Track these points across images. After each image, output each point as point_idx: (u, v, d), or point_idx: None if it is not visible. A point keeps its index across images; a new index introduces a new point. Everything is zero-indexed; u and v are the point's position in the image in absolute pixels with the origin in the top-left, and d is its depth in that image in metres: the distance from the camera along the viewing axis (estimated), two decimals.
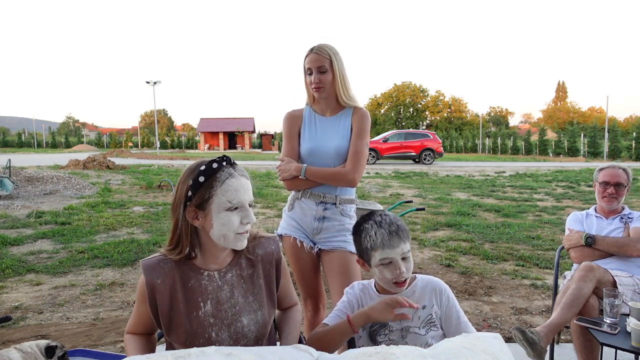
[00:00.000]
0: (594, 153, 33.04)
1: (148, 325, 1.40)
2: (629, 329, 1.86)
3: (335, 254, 2.06)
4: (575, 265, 2.57)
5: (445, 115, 66.04)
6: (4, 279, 4.22)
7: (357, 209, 2.21)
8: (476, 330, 1.47)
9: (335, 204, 2.07)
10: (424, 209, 4.75)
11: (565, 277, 2.57)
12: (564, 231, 2.70)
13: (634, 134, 30.49)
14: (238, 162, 1.39)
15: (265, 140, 53.85)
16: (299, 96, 2.28)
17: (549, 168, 19.66)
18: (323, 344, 1.37)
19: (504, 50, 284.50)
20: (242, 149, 52.75)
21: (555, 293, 2.60)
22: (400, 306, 1.34)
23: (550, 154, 35.94)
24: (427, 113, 66.72)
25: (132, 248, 5.29)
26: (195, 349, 1.09)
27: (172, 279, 1.33)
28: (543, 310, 3.51)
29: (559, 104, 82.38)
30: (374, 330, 1.51)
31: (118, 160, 21.70)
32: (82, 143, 56.60)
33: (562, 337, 2.89)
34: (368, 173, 16.25)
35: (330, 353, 1.19)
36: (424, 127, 63.58)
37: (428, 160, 22.81)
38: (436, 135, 23.96)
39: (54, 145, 55.80)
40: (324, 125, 2.11)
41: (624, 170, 2.55)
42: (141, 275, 1.34)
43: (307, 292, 2.19)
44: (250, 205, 1.34)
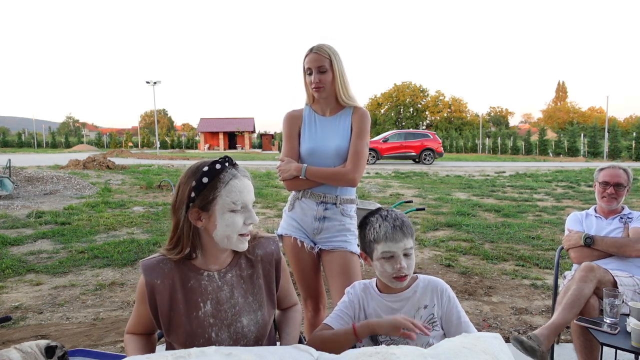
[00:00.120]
0: (594, 153, 33.04)
1: (148, 325, 1.40)
2: (629, 329, 1.87)
3: (336, 254, 2.06)
4: (575, 265, 2.57)
5: (445, 115, 66.02)
6: (4, 279, 4.22)
7: (357, 209, 2.21)
8: (476, 330, 1.46)
9: (335, 204, 2.07)
10: (424, 209, 4.76)
11: (565, 277, 2.57)
12: (564, 231, 2.70)
13: (634, 134, 30.49)
14: (238, 162, 1.39)
15: (265, 140, 53.84)
16: (299, 96, 2.28)
17: (549, 168, 19.66)
18: (325, 348, 1.37)
19: (504, 50, 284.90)
20: (242, 149, 52.75)
21: (556, 293, 2.60)
22: (409, 329, 1.33)
23: (550, 154, 35.94)
24: (427, 113, 66.72)
25: (132, 248, 5.29)
26: (195, 349, 1.09)
27: (172, 280, 1.33)
28: (543, 310, 3.51)
29: (559, 104, 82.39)
30: None
31: (118, 160, 21.70)
32: (82, 143, 56.60)
33: (562, 337, 2.89)
34: (368, 173, 16.25)
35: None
36: (424, 127, 63.57)
37: (428, 160, 22.81)
38: (436, 135, 23.96)
39: (54, 145, 55.81)
40: (323, 125, 2.10)
41: (625, 170, 2.54)
42: (141, 276, 1.34)
43: (308, 293, 2.19)
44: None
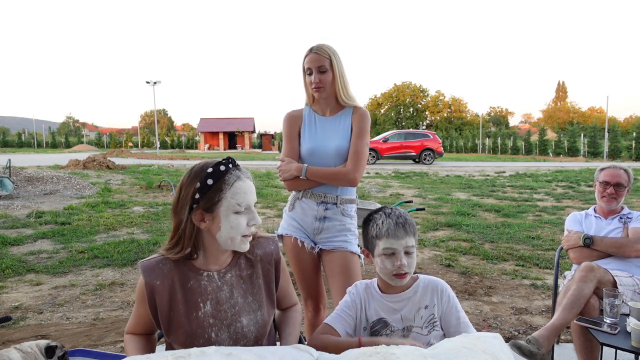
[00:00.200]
0: (594, 153, 33.04)
1: (148, 325, 1.40)
2: (629, 329, 1.87)
3: (336, 254, 2.06)
4: (575, 265, 2.57)
5: (445, 115, 66.02)
6: (4, 279, 4.22)
7: (358, 209, 2.21)
8: (476, 330, 1.46)
9: (336, 203, 2.07)
10: (424, 209, 4.76)
11: (565, 277, 2.57)
12: (564, 231, 2.70)
13: (634, 134, 30.50)
14: (238, 163, 1.39)
15: (265, 140, 53.85)
16: (298, 96, 2.28)
17: (549, 168, 19.66)
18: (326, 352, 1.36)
19: (504, 50, 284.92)
20: (242, 149, 52.74)
21: (556, 293, 2.60)
22: None
23: (550, 154, 35.94)
24: (427, 113, 66.71)
25: (132, 248, 5.29)
26: (195, 349, 1.09)
27: (171, 280, 1.33)
28: (543, 310, 3.51)
29: (559, 104, 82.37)
30: (376, 330, 1.50)
31: (118, 160, 21.70)
32: (82, 143, 56.59)
33: (562, 337, 2.89)
34: (368, 173, 16.25)
35: None
36: (424, 127, 63.56)
37: (428, 160, 22.81)
38: (436, 135, 23.96)
39: (54, 145, 55.80)
40: (324, 125, 2.10)
41: (625, 171, 2.54)
42: (140, 277, 1.34)
43: (308, 293, 2.19)
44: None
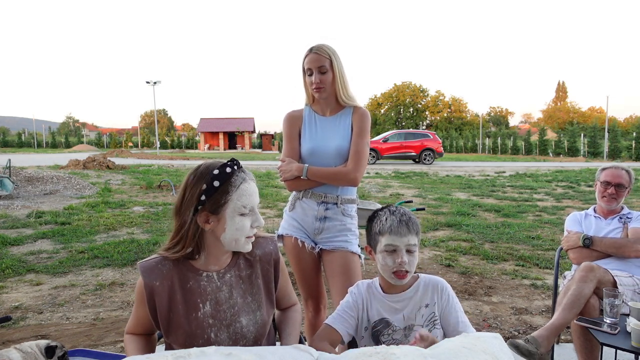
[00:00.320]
0: (594, 153, 33.05)
1: (147, 326, 1.40)
2: (629, 329, 1.87)
3: (337, 254, 2.06)
4: (574, 265, 2.57)
5: (445, 115, 66.00)
6: (4, 279, 4.22)
7: (358, 209, 2.21)
8: (476, 330, 1.46)
9: (336, 203, 2.07)
10: (424, 209, 4.76)
11: (565, 277, 2.57)
12: (564, 231, 2.70)
13: (634, 134, 30.50)
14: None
15: (265, 140, 53.84)
16: (299, 96, 2.27)
17: (549, 168, 19.66)
18: None
19: (504, 50, 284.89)
20: (242, 149, 52.74)
21: (555, 293, 2.60)
22: None
23: (550, 154, 35.94)
24: (427, 113, 66.70)
25: (132, 248, 5.29)
26: (195, 349, 1.09)
27: (171, 281, 1.33)
28: (543, 310, 3.51)
29: (559, 104, 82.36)
30: (377, 330, 1.50)
31: (118, 160, 21.69)
32: (82, 143, 56.55)
33: (562, 337, 2.89)
34: (368, 173, 16.24)
35: None
36: (424, 127, 63.54)
37: (428, 160, 22.81)
38: (436, 135, 23.95)
39: (54, 145, 55.78)
40: (324, 125, 2.10)
41: (627, 171, 2.54)
42: (139, 277, 1.34)
43: (308, 293, 2.19)
44: None
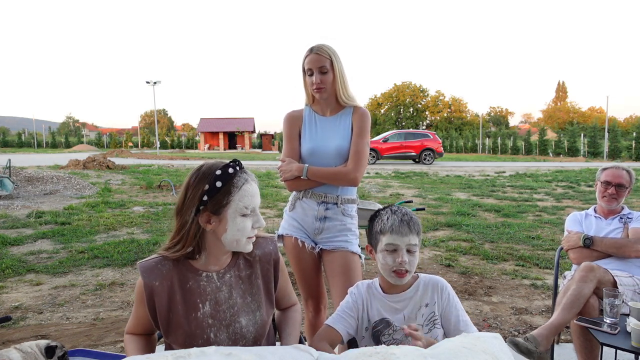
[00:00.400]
0: (594, 153, 33.05)
1: (147, 326, 1.40)
2: (629, 329, 1.87)
3: (337, 254, 2.06)
4: (575, 265, 2.57)
5: (445, 115, 65.99)
6: (4, 279, 4.22)
7: (358, 209, 2.21)
8: (476, 330, 1.46)
9: (336, 203, 2.06)
10: (424, 209, 4.75)
11: (565, 277, 2.57)
12: (564, 231, 2.70)
13: (634, 134, 30.51)
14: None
15: (265, 140, 53.82)
16: (298, 96, 2.27)
17: (549, 168, 19.66)
18: None
19: (503, 50, 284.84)
20: (242, 149, 52.73)
21: (555, 293, 2.60)
22: None
23: (550, 154, 35.94)
24: (427, 113, 66.68)
25: (132, 248, 5.29)
26: (195, 349, 1.09)
27: (170, 281, 1.32)
28: (543, 310, 3.51)
29: (559, 104, 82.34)
30: (378, 330, 1.50)
31: (118, 160, 21.69)
32: (82, 143, 56.52)
33: (562, 337, 2.89)
34: (368, 173, 16.24)
35: None
36: (424, 127, 63.53)
37: (428, 160, 22.80)
38: (436, 135, 23.95)
39: (54, 145, 55.76)
40: (324, 125, 2.10)
41: (628, 171, 2.54)
42: (139, 277, 1.34)
43: (309, 293, 2.19)
44: None
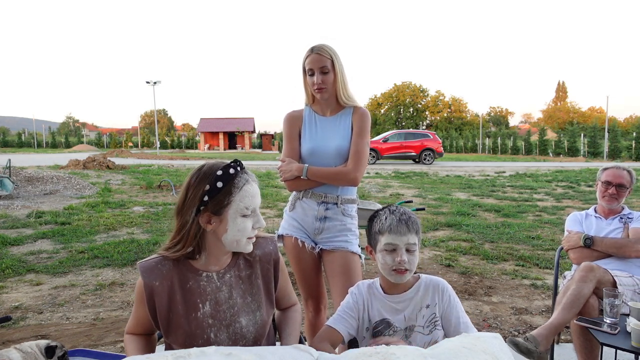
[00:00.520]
0: (594, 153, 33.05)
1: (147, 326, 1.40)
2: (629, 329, 1.87)
3: (337, 254, 2.05)
4: (575, 265, 2.57)
5: (445, 115, 65.98)
6: (4, 279, 4.22)
7: (358, 209, 2.21)
8: (476, 330, 1.46)
9: (336, 203, 2.06)
10: (424, 209, 4.75)
11: (565, 277, 2.57)
12: (564, 231, 2.70)
13: (634, 134, 30.51)
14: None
15: (265, 140, 53.81)
16: (298, 96, 2.27)
17: (549, 168, 19.66)
18: None
19: (503, 50, 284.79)
20: (242, 149, 52.72)
21: (555, 293, 2.60)
22: None
23: (550, 154, 35.94)
24: (427, 113, 66.67)
25: (132, 248, 5.29)
26: (195, 349, 1.09)
27: (171, 281, 1.32)
28: (543, 310, 3.51)
29: (559, 104, 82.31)
30: (378, 330, 1.50)
31: (118, 160, 21.68)
32: (82, 143, 56.51)
33: (562, 337, 2.89)
34: (368, 173, 16.24)
35: None
36: (424, 127, 63.52)
37: (428, 160, 22.80)
38: (436, 135, 23.95)
39: (54, 145, 55.75)
40: (324, 125, 2.10)
41: (628, 172, 2.54)
42: (139, 278, 1.34)
43: (309, 293, 2.19)
44: None
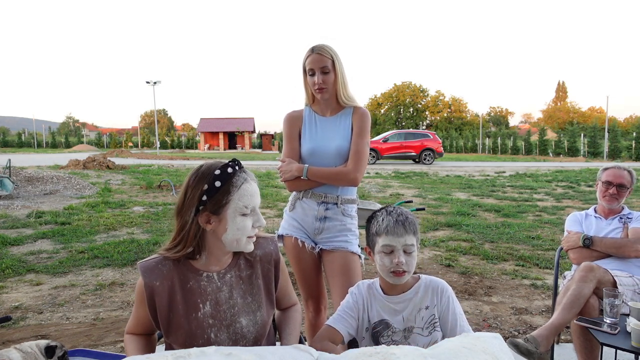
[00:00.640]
0: (594, 153, 33.05)
1: (147, 326, 1.40)
2: (629, 329, 1.87)
3: (337, 254, 2.05)
4: (574, 265, 2.57)
5: (445, 115, 65.99)
6: (4, 279, 4.22)
7: (358, 209, 2.21)
8: (476, 330, 1.46)
9: (336, 204, 2.06)
10: (424, 209, 4.76)
11: (565, 277, 2.57)
12: (564, 231, 2.70)
13: (634, 134, 30.52)
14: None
15: (265, 140, 53.82)
16: (298, 96, 2.27)
17: (549, 168, 19.66)
18: None
19: (503, 50, 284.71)
20: (242, 149, 52.72)
21: (555, 293, 2.60)
22: None
23: (550, 154, 35.94)
24: (427, 113, 66.68)
25: (132, 248, 5.29)
26: (195, 349, 1.09)
27: (171, 281, 1.32)
28: (543, 310, 3.51)
29: (559, 104, 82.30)
30: (377, 331, 1.50)
31: (118, 160, 21.68)
32: (82, 143, 56.51)
33: (562, 337, 2.89)
34: (368, 173, 16.24)
35: None
36: (424, 127, 63.53)
37: (428, 160, 22.80)
38: (436, 135, 23.95)
39: (54, 145, 55.74)
40: (324, 125, 2.10)
41: (629, 172, 2.54)
42: (139, 278, 1.34)
43: (309, 293, 2.19)
44: None
